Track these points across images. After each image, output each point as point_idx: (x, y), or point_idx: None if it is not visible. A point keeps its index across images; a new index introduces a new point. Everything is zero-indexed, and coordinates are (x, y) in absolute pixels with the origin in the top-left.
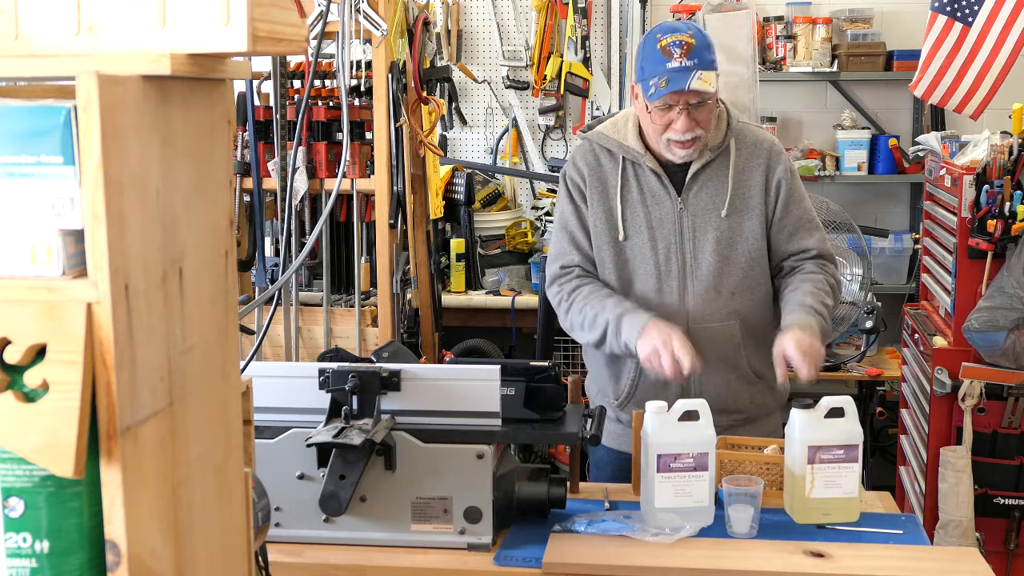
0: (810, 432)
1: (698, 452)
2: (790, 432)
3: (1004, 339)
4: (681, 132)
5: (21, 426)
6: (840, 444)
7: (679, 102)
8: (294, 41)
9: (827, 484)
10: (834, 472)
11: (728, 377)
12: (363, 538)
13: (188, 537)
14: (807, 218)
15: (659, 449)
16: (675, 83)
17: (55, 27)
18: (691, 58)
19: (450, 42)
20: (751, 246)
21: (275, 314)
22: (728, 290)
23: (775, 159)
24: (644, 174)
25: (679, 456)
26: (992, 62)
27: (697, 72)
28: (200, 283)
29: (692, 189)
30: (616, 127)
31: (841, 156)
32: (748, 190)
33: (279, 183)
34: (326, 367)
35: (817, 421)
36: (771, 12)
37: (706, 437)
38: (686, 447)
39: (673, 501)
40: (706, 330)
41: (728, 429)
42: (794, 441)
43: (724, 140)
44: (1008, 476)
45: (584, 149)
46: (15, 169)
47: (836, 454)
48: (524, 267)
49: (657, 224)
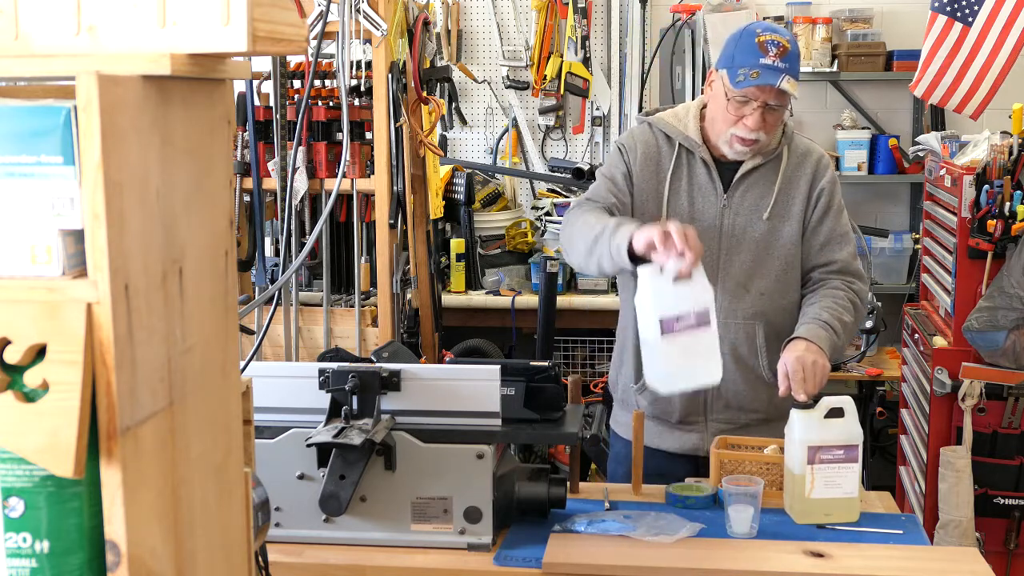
0: (810, 432)
1: (698, 310)
2: (789, 433)
3: (1004, 339)
4: (750, 129)
5: (21, 426)
6: (840, 444)
7: (759, 98)
8: (294, 41)
9: (827, 484)
10: (834, 472)
11: (747, 376)
12: (363, 538)
13: (188, 537)
14: (840, 231)
15: (661, 313)
16: (766, 77)
17: (55, 27)
18: (784, 61)
19: (450, 42)
20: (787, 252)
21: (275, 314)
22: (757, 290)
23: (822, 171)
24: (696, 165)
25: (681, 317)
26: (992, 62)
27: (787, 76)
28: (200, 283)
29: (739, 188)
30: (677, 116)
31: (841, 156)
32: (792, 198)
33: (279, 183)
34: (326, 367)
35: (817, 421)
36: (771, 12)
37: (705, 294)
38: (687, 306)
39: (680, 360)
40: (729, 327)
41: (744, 427)
42: (793, 441)
43: (778, 147)
44: (1008, 476)
45: (644, 129)
46: (15, 169)
47: (836, 454)
48: (524, 267)
49: (699, 215)
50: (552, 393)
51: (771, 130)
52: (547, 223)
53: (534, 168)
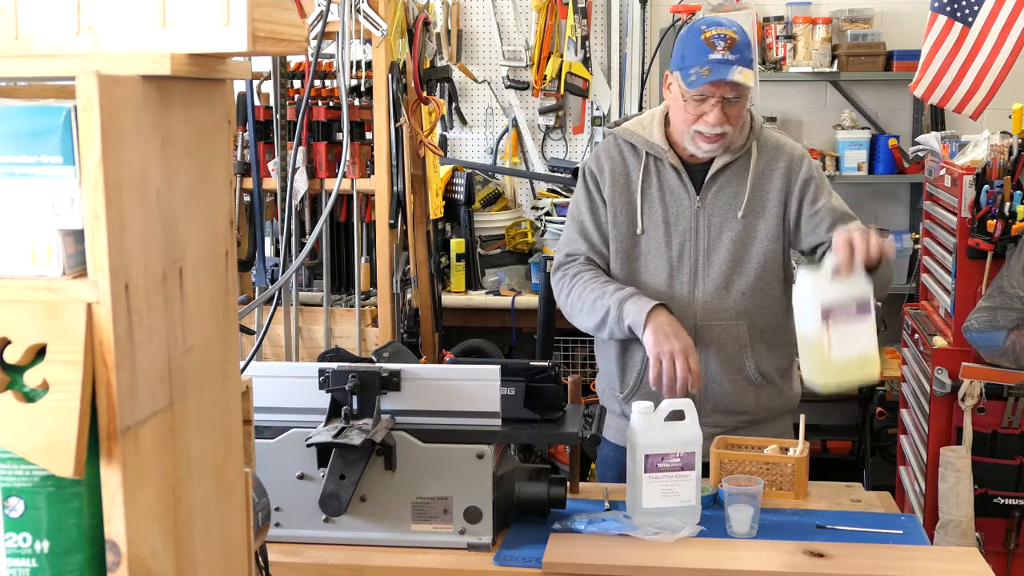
0: (821, 292)
1: (685, 452)
2: (801, 294)
3: (1004, 339)
4: (712, 125)
5: (21, 426)
6: (852, 299)
7: (716, 94)
8: (294, 41)
9: (844, 341)
10: (850, 328)
11: (734, 378)
12: (363, 538)
13: (188, 537)
14: (843, 210)
15: (646, 449)
16: (717, 73)
17: (55, 27)
18: (733, 52)
19: (450, 42)
20: (765, 248)
21: (275, 314)
22: (738, 290)
23: (797, 163)
24: (665, 171)
25: (666, 456)
26: (992, 62)
27: (738, 67)
28: (200, 283)
29: (711, 189)
30: (642, 124)
31: (841, 156)
32: (766, 194)
33: (279, 183)
34: (326, 367)
35: (825, 280)
36: (771, 12)
37: (693, 436)
38: (673, 447)
39: (661, 501)
40: (714, 328)
41: (733, 430)
42: (806, 302)
43: (747, 143)
44: (1008, 476)
45: (609, 144)
46: (15, 169)
47: (849, 310)
48: (524, 267)
49: (673, 220)
50: (552, 393)
51: (735, 122)
52: (547, 223)
53: (534, 168)
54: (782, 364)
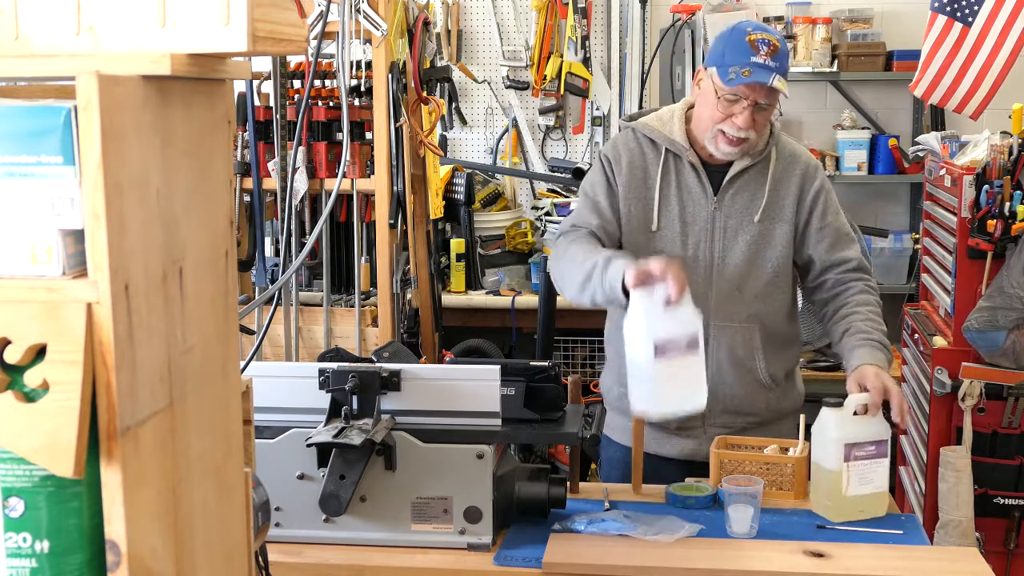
0: (844, 430)
1: (689, 335)
2: (822, 431)
3: (1004, 339)
4: (738, 128)
5: (21, 426)
6: (872, 440)
7: (750, 97)
8: (294, 41)
9: (861, 481)
10: (867, 468)
11: (744, 380)
12: (363, 538)
13: (188, 537)
14: (845, 230)
15: (655, 336)
16: (757, 76)
17: (55, 27)
18: (775, 60)
19: (450, 42)
20: (779, 253)
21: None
22: (751, 293)
23: (812, 173)
24: (684, 169)
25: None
26: (992, 62)
27: (777, 75)
28: (200, 283)
29: (729, 191)
30: (662, 120)
31: (841, 156)
32: (782, 199)
33: (279, 183)
34: (326, 367)
35: (848, 419)
36: (771, 12)
37: (695, 320)
38: (680, 329)
39: (669, 384)
40: (726, 330)
41: (741, 431)
42: (829, 440)
43: (766, 148)
44: (1008, 476)
45: (628, 136)
46: (15, 169)
47: (869, 450)
48: (524, 267)
49: (690, 220)
50: (552, 393)
51: (760, 129)
52: (547, 223)
53: (534, 168)
54: (789, 366)
